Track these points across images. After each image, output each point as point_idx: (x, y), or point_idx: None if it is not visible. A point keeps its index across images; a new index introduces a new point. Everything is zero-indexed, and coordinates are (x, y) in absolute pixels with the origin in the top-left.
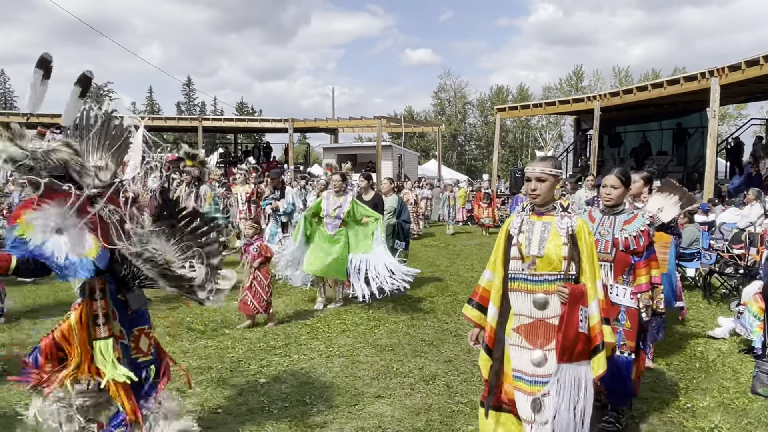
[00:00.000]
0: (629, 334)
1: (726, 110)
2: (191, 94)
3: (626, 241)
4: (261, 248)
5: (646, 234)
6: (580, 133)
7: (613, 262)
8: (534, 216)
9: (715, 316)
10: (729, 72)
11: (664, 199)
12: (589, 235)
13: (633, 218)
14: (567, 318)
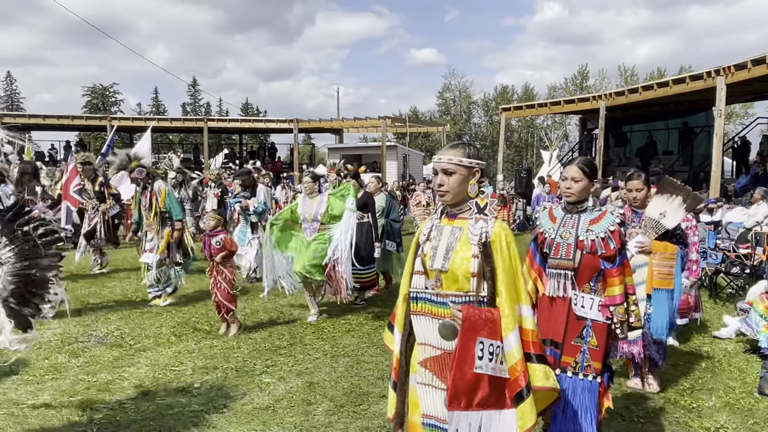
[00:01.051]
0: (595, 353)
1: (732, 109)
2: (197, 95)
3: (593, 244)
4: (225, 241)
5: (617, 235)
6: (586, 132)
7: (577, 268)
8: (446, 219)
9: (721, 315)
10: (735, 71)
11: (665, 202)
12: (509, 246)
13: (600, 217)
14: (459, 352)
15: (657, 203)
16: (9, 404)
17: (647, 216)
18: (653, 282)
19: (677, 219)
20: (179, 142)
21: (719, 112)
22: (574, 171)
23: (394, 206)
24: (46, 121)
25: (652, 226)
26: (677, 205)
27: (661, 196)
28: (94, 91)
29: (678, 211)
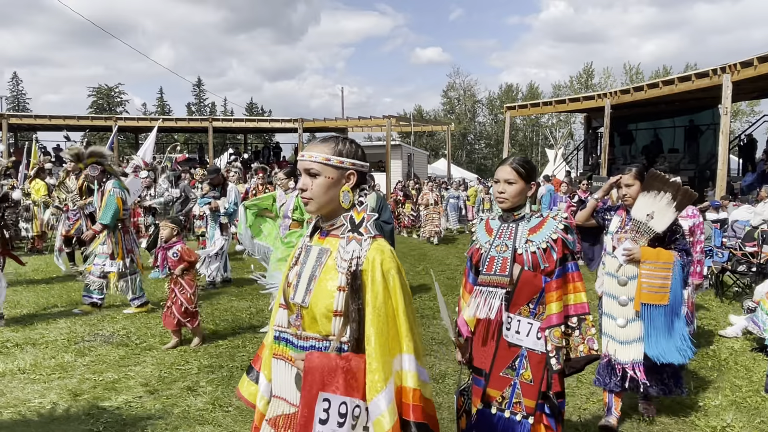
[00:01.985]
0: (528, 389)
1: (738, 107)
2: (201, 95)
3: (533, 257)
4: (182, 252)
5: (560, 244)
6: (591, 131)
7: (514, 287)
8: (317, 238)
9: (728, 314)
10: (741, 68)
11: (653, 201)
12: (387, 277)
13: (541, 224)
14: (300, 413)
15: (643, 202)
16: (16, 403)
17: (633, 218)
18: (641, 296)
19: (666, 220)
20: (184, 142)
21: (725, 110)
22: (507, 172)
23: (386, 207)
24: (51, 121)
25: (639, 229)
26: (666, 204)
27: (647, 194)
28: (100, 92)
29: (667, 211)
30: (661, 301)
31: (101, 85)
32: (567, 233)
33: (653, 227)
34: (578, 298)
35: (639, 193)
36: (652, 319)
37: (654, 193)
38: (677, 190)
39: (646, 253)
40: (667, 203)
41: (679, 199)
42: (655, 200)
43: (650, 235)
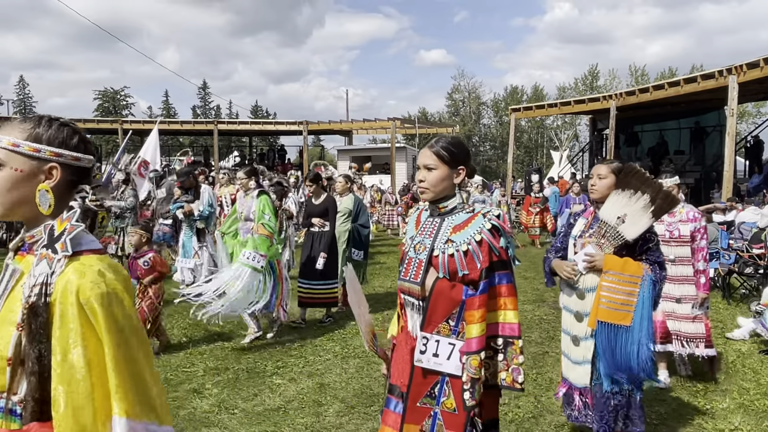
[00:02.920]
0: (452, 420)
1: (745, 108)
2: (207, 98)
3: (450, 261)
4: (154, 261)
5: (486, 249)
6: (596, 132)
7: (428, 298)
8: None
9: (735, 316)
10: (747, 69)
11: (626, 202)
12: (81, 312)
13: (468, 220)
14: None
15: (614, 202)
16: None
17: (601, 219)
18: (598, 311)
19: (640, 227)
20: (189, 145)
21: (731, 111)
22: (426, 156)
23: (363, 210)
24: None
25: (606, 233)
26: (641, 208)
27: (620, 193)
28: (106, 95)
29: (642, 216)
30: (622, 321)
31: (107, 88)
32: (496, 236)
33: (623, 233)
34: (507, 317)
35: (611, 190)
36: (608, 340)
37: (629, 193)
38: (657, 192)
39: (611, 262)
40: (643, 207)
41: (659, 203)
42: (629, 201)
43: (618, 241)
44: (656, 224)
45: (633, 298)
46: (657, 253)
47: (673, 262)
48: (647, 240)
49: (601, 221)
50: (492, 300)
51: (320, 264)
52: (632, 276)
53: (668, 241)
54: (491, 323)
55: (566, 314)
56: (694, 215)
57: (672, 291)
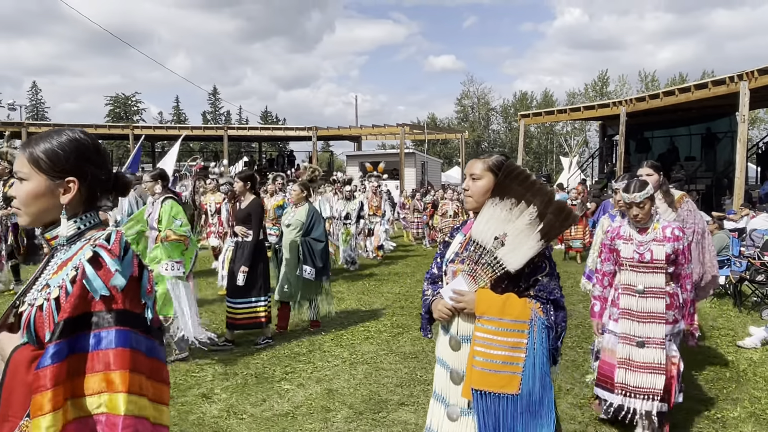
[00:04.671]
0: None
1: (756, 114)
2: (217, 104)
3: (38, 317)
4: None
5: (77, 293)
6: (606, 138)
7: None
8: None
9: (746, 324)
10: (759, 75)
11: (506, 216)
12: None
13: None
14: None
15: (491, 216)
16: None
17: (474, 239)
18: (472, 376)
19: (526, 251)
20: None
21: (743, 118)
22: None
23: (319, 221)
24: None
25: (481, 259)
26: (526, 225)
27: (498, 203)
28: (117, 101)
29: (527, 237)
30: (505, 388)
31: (118, 93)
32: (102, 269)
33: (503, 260)
34: (111, 404)
35: (485, 198)
36: (492, 418)
37: (509, 203)
38: (547, 202)
39: (485, 301)
40: (528, 223)
41: (549, 219)
42: (509, 215)
43: (497, 271)
44: (623, 243)
45: (519, 352)
46: (551, 286)
47: (641, 294)
48: (537, 268)
49: (473, 242)
50: (78, 377)
51: (241, 280)
52: (515, 321)
53: (636, 267)
54: (78, 417)
55: (440, 370)
56: (674, 233)
57: (633, 330)
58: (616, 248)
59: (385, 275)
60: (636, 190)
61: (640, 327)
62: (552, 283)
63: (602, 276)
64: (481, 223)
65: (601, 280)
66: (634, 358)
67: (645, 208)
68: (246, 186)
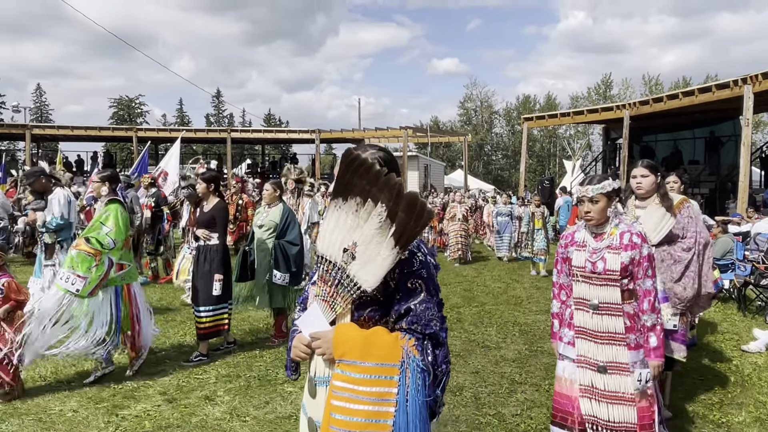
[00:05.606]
0: None
1: (760, 118)
2: (220, 106)
3: None
4: (8, 288)
5: None
6: (609, 142)
7: None
8: None
9: (751, 328)
10: (762, 79)
11: (353, 221)
12: None
13: None
14: None
15: (336, 221)
16: (37, 410)
17: (321, 253)
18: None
19: (380, 265)
20: (203, 153)
21: (746, 121)
22: None
23: (293, 224)
24: (74, 132)
25: (333, 279)
26: (376, 230)
27: (343, 205)
28: (121, 103)
29: (379, 245)
30: None
31: (122, 96)
32: None
33: (356, 278)
34: None
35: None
36: None
37: (355, 204)
38: (396, 197)
39: (344, 341)
40: (378, 227)
41: (402, 219)
42: (357, 219)
43: (352, 293)
44: (576, 251)
45: (387, 406)
46: (428, 315)
47: (596, 311)
48: (409, 290)
49: (322, 258)
50: None
51: (217, 289)
52: (382, 365)
53: (589, 278)
54: None
55: (302, 417)
56: (632, 240)
57: (592, 353)
58: (569, 256)
59: None
60: (590, 183)
61: (601, 349)
62: (429, 312)
63: (559, 289)
64: (327, 233)
65: (557, 294)
66: (598, 385)
67: (598, 205)
68: (209, 188)
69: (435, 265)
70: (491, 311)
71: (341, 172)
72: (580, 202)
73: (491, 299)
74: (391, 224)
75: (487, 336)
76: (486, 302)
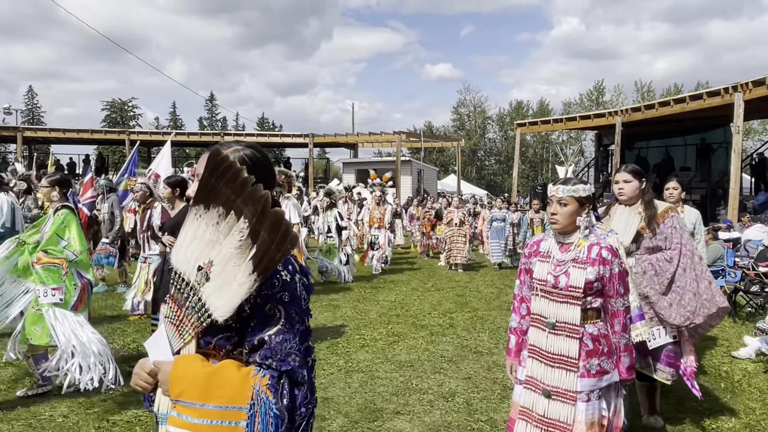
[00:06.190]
0: None
1: (750, 125)
2: (214, 110)
3: None
4: None
5: None
6: (602, 148)
7: None
8: None
9: (741, 335)
10: (753, 87)
11: (211, 234)
12: None
13: None
14: None
15: (194, 234)
16: (27, 416)
17: (174, 268)
18: None
19: (237, 290)
20: (196, 156)
21: (737, 129)
22: None
23: None
24: (66, 135)
25: (185, 302)
26: (237, 248)
27: (204, 214)
28: (113, 106)
29: (238, 265)
30: None
31: (115, 99)
32: None
33: (207, 303)
34: None
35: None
36: None
37: (217, 215)
38: (261, 213)
39: (183, 377)
40: (238, 246)
41: (264, 240)
42: (217, 233)
43: (202, 320)
44: (540, 261)
45: None
46: (286, 348)
47: (552, 330)
48: (266, 318)
49: (176, 274)
50: None
51: None
52: (226, 408)
53: (549, 293)
54: None
55: None
56: (600, 254)
57: (540, 375)
58: (531, 267)
59: (380, 283)
60: (563, 183)
61: (549, 372)
62: (287, 344)
63: (519, 302)
64: (183, 245)
65: (517, 308)
66: (538, 409)
67: (566, 208)
68: (175, 193)
69: (307, 285)
70: (484, 317)
71: (205, 175)
72: (549, 202)
73: (484, 305)
74: (252, 245)
75: (479, 341)
76: (479, 308)
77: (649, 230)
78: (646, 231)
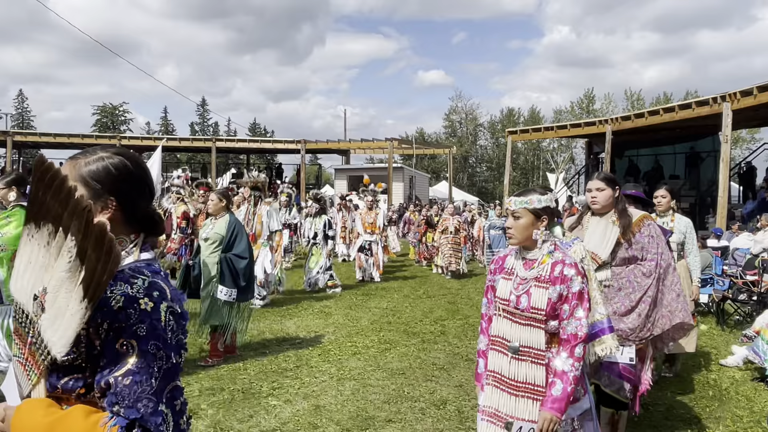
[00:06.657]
0: None
1: (739, 134)
2: (205, 115)
3: None
4: None
5: None
6: (592, 156)
7: None
8: None
9: (729, 343)
10: (741, 97)
11: (44, 260)
12: None
13: None
14: None
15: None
16: None
17: (15, 300)
18: None
19: (69, 322)
20: (187, 162)
21: (725, 138)
22: None
23: (241, 234)
24: (56, 139)
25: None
26: (66, 271)
27: (35, 236)
28: (104, 110)
29: (70, 291)
30: None
31: (105, 103)
32: None
33: (45, 337)
34: None
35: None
36: None
37: (47, 233)
38: (85, 228)
39: (22, 427)
40: (67, 269)
41: (90, 260)
42: (48, 255)
43: (44, 358)
44: (503, 279)
45: None
46: (135, 392)
47: (515, 354)
48: (120, 355)
49: (16, 306)
50: None
51: None
52: None
53: (512, 314)
54: None
55: None
56: (562, 272)
57: (500, 404)
58: (494, 285)
59: (372, 290)
60: (517, 195)
61: (511, 402)
62: (138, 387)
63: (487, 322)
64: (20, 272)
65: (486, 329)
66: None
67: (520, 222)
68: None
69: (180, 314)
70: (475, 324)
71: (34, 188)
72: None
73: (475, 312)
74: (81, 266)
75: (471, 349)
76: (470, 315)
77: (624, 240)
78: (622, 240)
